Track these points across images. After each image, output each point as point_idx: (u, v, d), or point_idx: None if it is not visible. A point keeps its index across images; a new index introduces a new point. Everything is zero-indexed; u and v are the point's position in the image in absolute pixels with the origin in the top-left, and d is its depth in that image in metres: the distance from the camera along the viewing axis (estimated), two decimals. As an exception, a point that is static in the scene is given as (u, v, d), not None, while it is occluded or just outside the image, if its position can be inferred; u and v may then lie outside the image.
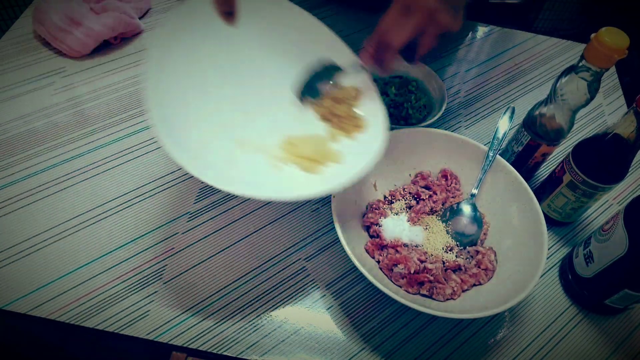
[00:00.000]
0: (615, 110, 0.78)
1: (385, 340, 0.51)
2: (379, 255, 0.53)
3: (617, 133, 0.48)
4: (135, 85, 0.73)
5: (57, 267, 0.53)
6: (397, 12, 0.47)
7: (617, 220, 0.47)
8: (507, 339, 0.52)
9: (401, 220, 0.56)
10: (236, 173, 0.48)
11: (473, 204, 0.57)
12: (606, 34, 0.46)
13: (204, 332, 0.50)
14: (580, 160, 0.52)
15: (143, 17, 0.83)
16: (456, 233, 0.56)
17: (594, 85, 0.50)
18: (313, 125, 0.55)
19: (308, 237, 0.58)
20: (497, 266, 0.53)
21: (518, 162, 0.61)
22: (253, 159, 0.51)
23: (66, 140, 0.65)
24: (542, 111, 0.56)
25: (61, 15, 0.72)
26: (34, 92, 0.70)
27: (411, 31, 0.47)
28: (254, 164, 0.50)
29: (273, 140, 0.53)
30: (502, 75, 0.81)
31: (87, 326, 0.49)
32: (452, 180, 0.60)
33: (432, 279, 0.50)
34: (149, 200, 0.60)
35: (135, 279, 0.53)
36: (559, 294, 0.56)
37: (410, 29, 0.47)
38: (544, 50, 0.86)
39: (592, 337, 0.53)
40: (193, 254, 0.56)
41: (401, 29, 0.47)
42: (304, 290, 0.54)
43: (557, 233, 0.61)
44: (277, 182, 0.50)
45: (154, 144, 0.66)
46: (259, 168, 0.50)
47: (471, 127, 0.73)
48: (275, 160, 0.51)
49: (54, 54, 0.75)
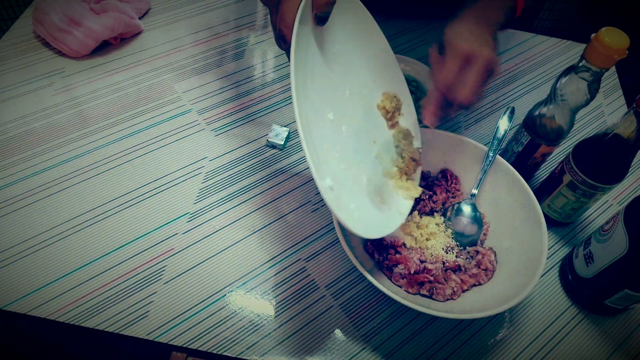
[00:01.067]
0: (615, 110, 0.78)
1: (385, 341, 0.51)
2: (379, 256, 0.53)
3: (617, 133, 0.48)
4: (135, 85, 0.73)
5: (57, 267, 0.53)
6: (456, 66, 0.47)
7: (617, 221, 0.47)
8: (507, 339, 0.52)
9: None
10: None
11: (473, 204, 0.57)
12: (606, 34, 0.46)
13: (204, 332, 0.50)
14: (580, 161, 0.52)
15: (143, 17, 0.83)
16: (456, 233, 0.56)
17: (594, 85, 0.50)
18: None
19: (308, 237, 0.58)
20: (497, 266, 0.53)
21: (518, 162, 0.61)
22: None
23: (66, 140, 0.65)
24: (542, 111, 0.56)
25: (61, 16, 0.72)
26: (34, 92, 0.70)
27: (477, 86, 0.47)
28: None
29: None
30: (502, 76, 0.81)
31: (87, 326, 0.49)
32: (452, 180, 0.60)
33: (432, 279, 0.50)
34: (149, 200, 0.60)
35: (135, 279, 0.53)
36: (559, 294, 0.56)
37: (475, 84, 0.47)
38: (544, 50, 0.86)
39: (592, 338, 0.53)
40: (193, 254, 0.56)
41: (466, 84, 0.47)
42: (304, 291, 0.54)
43: (557, 233, 0.61)
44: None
45: (154, 144, 0.66)
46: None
47: (471, 127, 0.73)
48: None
49: (53, 54, 0.75)
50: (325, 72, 0.48)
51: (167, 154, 0.65)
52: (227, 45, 0.80)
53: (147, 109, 0.70)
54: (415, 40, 0.84)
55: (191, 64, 0.77)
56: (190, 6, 0.87)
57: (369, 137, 0.53)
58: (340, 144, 0.48)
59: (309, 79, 0.44)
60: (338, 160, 0.47)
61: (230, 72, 0.76)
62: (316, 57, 0.46)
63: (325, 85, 0.48)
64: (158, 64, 0.76)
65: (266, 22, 0.85)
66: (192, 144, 0.66)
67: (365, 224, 0.46)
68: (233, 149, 0.66)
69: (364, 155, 0.52)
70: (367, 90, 0.54)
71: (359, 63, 0.53)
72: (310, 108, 0.44)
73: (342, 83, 0.50)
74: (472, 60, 0.47)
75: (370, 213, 0.48)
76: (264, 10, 0.87)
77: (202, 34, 0.82)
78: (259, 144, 0.67)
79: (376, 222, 0.48)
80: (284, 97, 0.73)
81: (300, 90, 0.41)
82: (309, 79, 0.44)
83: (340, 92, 0.50)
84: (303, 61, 0.43)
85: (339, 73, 0.50)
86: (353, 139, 0.50)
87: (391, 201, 0.52)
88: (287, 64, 0.78)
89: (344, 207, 0.43)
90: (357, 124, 0.51)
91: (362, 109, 0.53)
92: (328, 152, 0.46)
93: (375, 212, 0.49)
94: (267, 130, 0.68)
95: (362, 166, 0.51)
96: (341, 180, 0.46)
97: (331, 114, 0.48)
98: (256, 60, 0.79)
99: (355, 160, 0.50)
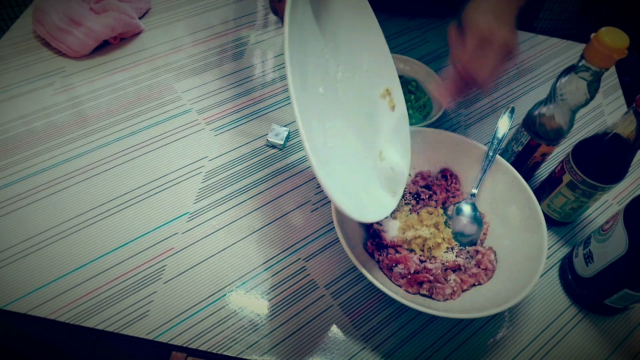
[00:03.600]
0: (615, 110, 0.78)
1: (385, 340, 0.51)
2: (379, 255, 0.53)
3: (616, 133, 0.48)
4: (135, 85, 0.73)
5: (57, 267, 0.53)
6: (474, 46, 0.47)
7: (616, 220, 0.47)
8: (506, 338, 0.52)
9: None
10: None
11: (473, 203, 0.57)
12: (606, 34, 0.46)
13: (203, 331, 0.50)
14: (580, 160, 0.52)
15: (143, 17, 0.84)
16: (456, 233, 0.56)
17: (593, 85, 0.50)
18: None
19: (308, 237, 0.58)
20: (497, 266, 0.53)
21: (518, 162, 0.61)
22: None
23: (66, 140, 0.65)
24: (542, 111, 0.56)
25: (61, 15, 0.72)
26: (34, 92, 0.70)
27: (495, 67, 0.47)
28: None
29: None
30: (502, 75, 0.81)
31: (87, 326, 0.49)
32: (452, 180, 0.60)
33: (432, 278, 0.50)
34: (149, 200, 0.60)
35: (135, 278, 0.53)
36: (559, 294, 0.56)
37: (493, 65, 0.47)
38: (544, 50, 0.86)
39: (591, 337, 0.53)
40: (193, 254, 0.56)
41: (484, 65, 0.48)
42: (304, 290, 0.54)
43: (556, 233, 0.61)
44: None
45: (154, 143, 0.66)
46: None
47: (471, 127, 0.73)
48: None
49: (54, 54, 0.75)
50: (319, 47, 0.48)
51: (167, 153, 0.65)
52: (227, 45, 0.80)
53: (147, 109, 0.70)
54: (415, 40, 0.84)
55: (191, 63, 0.77)
56: (190, 6, 0.87)
57: (358, 116, 0.53)
58: (330, 121, 0.48)
59: (302, 48, 0.44)
60: (326, 137, 0.47)
61: (230, 72, 0.76)
62: (311, 28, 0.47)
63: (319, 62, 0.48)
64: (158, 64, 0.76)
65: (266, 21, 0.85)
66: (192, 144, 0.66)
67: (358, 206, 0.46)
68: (233, 149, 0.66)
69: (354, 133, 0.52)
70: (359, 77, 0.54)
71: (353, 49, 0.53)
72: (302, 77, 0.44)
73: (335, 64, 0.51)
74: (491, 40, 0.47)
75: (362, 194, 0.49)
76: (263, 10, 0.87)
77: (201, 33, 0.82)
78: (259, 143, 0.67)
79: (368, 205, 0.49)
80: (284, 97, 0.73)
81: (295, 57, 0.41)
82: (301, 47, 0.44)
83: (333, 71, 0.50)
84: (298, 30, 0.43)
85: (332, 53, 0.50)
86: (343, 117, 0.50)
87: (383, 183, 0.52)
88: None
89: (335, 185, 0.43)
90: (347, 106, 0.52)
91: (353, 94, 0.53)
92: (316, 126, 0.46)
93: (366, 194, 0.50)
94: (267, 130, 0.68)
95: (352, 145, 0.51)
96: (330, 158, 0.46)
97: (321, 88, 0.48)
98: (256, 59, 0.79)
99: (344, 139, 0.50)
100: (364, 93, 0.54)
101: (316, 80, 0.47)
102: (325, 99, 0.48)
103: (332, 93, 0.50)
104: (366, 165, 0.52)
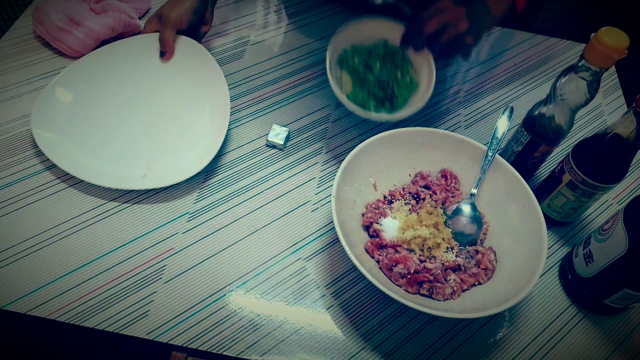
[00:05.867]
0: (615, 110, 0.78)
1: (385, 340, 0.51)
2: (379, 255, 0.53)
3: (616, 133, 0.48)
4: (135, 85, 0.72)
5: (57, 267, 0.53)
6: (434, 11, 0.59)
7: (616, 220, 0.47)
8: (506, 338, 0.52)
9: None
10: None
11: (473, 203, 0.57)
12: (606, 34, 0.46)
13: (204, 331, 0.50)
14: (580, 160, 0.52)
15: (143, 17, 0.83)
16: (456, 233, 0.56)
17: (593, 85, 0.50)
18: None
19: (308, 237, 0.58)
20: (496, 266, 0.53)
21: (518, 162, 0.61)
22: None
23: (66, 140, 0.65)
24: (542, 111, 0.56)
25: (61, 15, 0.72)
26: (34, 92, 0.70)
27: (437, 23, 0.59)
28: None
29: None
30: (501, 75, 0.81)
31: (87, 326, 0.49)
32: (452, 180, 0.60)
33: (432, 278, 0.50)
34: (149, 200, 0.60)
35: (135, 278, 0.53)
36: (559, 294, 0.56)
37: (437, 21, 0.59)
38: (544, 50, 0.86)
39: (591, 337, 0.53)
40: (193, 254, 0.56)
41: (434, 20, 0.59)
42: (304, 290, 0.54)
43: (556, 233, 0.61)
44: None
45: (154, 144, 0.66)
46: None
47: (471, 127, 0.73)
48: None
49: (54, 54, 0.75)
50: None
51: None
52: (227, 45, 0.80)
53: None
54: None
55: (191, 63, 0.77)
56: (190, 6, 0.86)
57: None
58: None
59: None
60: None
61: (230, 72, 0.76)
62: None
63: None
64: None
65: (266, 21, 0.85)
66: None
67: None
68: (233, 149, 0.66)
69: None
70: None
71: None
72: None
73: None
74: (446, 9, 0.59)
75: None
76: (263, 10, 0.88)
77: (202, 33, 0.82)
78: (259, 143, 0.67)
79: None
80: (284, 97, 0.73)
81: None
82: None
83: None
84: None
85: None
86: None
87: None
88: (287, 64, 0.78)
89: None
90: None
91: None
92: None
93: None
94: (267, 130, 0.68)
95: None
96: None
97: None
98: (256, 59, 0.78)
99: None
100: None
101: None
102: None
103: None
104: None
